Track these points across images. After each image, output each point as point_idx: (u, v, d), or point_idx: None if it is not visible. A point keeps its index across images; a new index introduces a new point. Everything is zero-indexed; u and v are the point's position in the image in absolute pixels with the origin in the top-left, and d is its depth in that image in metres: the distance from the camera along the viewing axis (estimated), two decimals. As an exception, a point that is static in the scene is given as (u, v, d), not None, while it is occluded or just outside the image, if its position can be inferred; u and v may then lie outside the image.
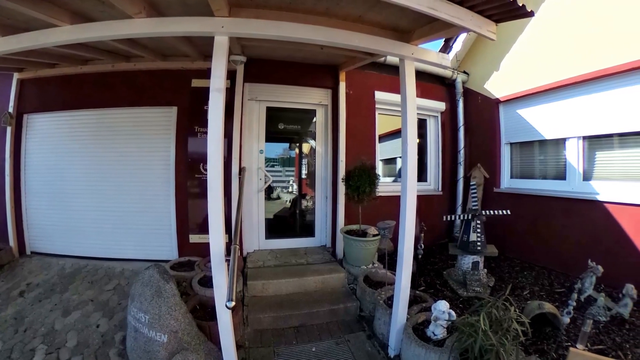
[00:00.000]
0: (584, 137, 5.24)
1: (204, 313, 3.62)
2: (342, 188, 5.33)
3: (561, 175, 5.63)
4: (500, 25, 3.30)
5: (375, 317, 3.96)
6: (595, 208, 4.93)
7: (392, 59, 5.56)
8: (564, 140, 5.53)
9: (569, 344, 3.31)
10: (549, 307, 3.55)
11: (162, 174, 5.17)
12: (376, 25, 3.51)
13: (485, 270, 5.02)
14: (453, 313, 3.26)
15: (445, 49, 6.99)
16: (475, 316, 2.82)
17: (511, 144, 6.53)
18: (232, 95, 4.89)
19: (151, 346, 2.98)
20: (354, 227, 5.27)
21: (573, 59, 5.14)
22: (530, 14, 3.01)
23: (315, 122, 5.87)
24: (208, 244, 2.87)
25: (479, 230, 4.83)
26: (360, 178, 4.95)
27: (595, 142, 5.15)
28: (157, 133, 5.20)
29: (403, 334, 3.39)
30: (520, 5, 2.88)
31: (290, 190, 6.10)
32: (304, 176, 6.13)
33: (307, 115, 5.89)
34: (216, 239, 2.85)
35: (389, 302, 3.88)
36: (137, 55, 4.65)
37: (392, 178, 7.20)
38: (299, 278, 4.56)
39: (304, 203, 6.06)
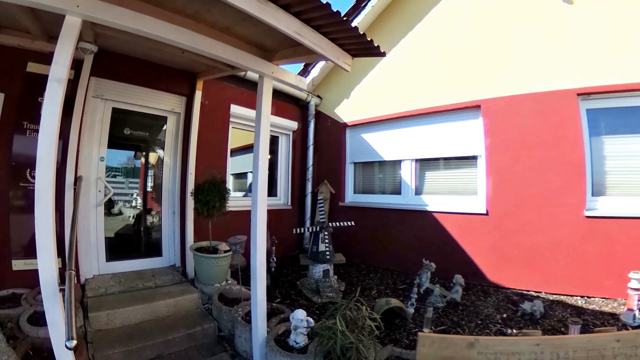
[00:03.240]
0: (416, 160, 6.37)
1: (41, 359, 2.93)
2: (191, 202, 5.06)
3: (397, 191, 6.65)
4: (356, 59, 3.69)
5: (235, 335, 3.82)
6: (425, 217, 5.95)
7: (252, 75, 5.62)
8: (399, 161, 6.59)
9: (417, 329, 3.83)
10: (395, 302, 4.00)
11: (-24, 180, 3.92)
12: (242, 39, 3.51)
13: (336, 276, 5.43)
14: (311, 320, 3.37)
15: (304, 72, 7.41)
16: (332, 320, 2.97)
17: (355, 163, 7.37)
18: (75, 89, 4.14)
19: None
20: (205, 243, 5.05)
21: (409, 96, 6.28)
22: (383, 54, 3.52)
23: (165, 130, 5.43)
24: (37, 270, 2.30)
25: (327, 240, 5.20)
26: (210, 192, 4.79)
27: (425, 164, 6.32)
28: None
29: (266, 347, 3.35)
30: (376, 45, 3.30)
31: (134, 204, 5.43)
32: (149, 189, 5.56)
33: (157, 122, 5.41)
34: (47, 264, 2.31)
35: (248, 317, 3.81)
36: (-39, 19, 3.51)
37: (243, 193, 7.14)
38: (149, 303, 4.09)
39: (150, 219, 5.49)
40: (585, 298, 4.52)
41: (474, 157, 5.64)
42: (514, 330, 3.77)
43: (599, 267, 4.49)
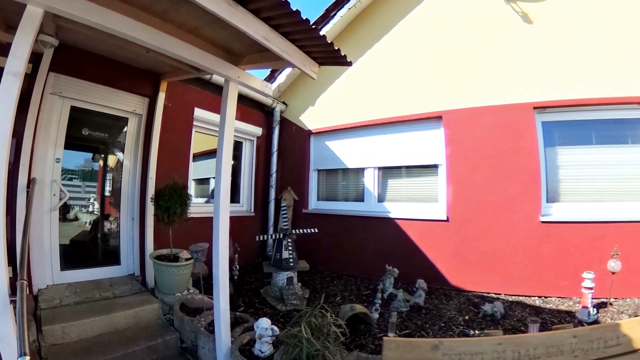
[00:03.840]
0: (379, 168, 6.53)
1: (-10, 377, 2.70)
2: (151, 208, 4.88)
3: (360, 198, 6.76)
4: (322, 67, 3.75)
5: (198, 346, 3.73)
6: (388, 223, 6.08)
7: (217, 78, 5.55)
8: (363, 169, 6.72)
9: (382, 334, 3.87)
10: (359, 308, 4.04)
11: None
12: (209, 41, 3.47)
13: (300, 284, 5.37)
14: (276, 328, 3.32)
15: (270, 78, 7.39)
16: (297, 327, 2.97)
17: (319, 170, 7.43)
18: (32, 85, 3.86)
19: None
20: (165, 251, 4.87)
21: (374, 106, 6.45)
22: (349, 64, 3.62)
23: (126, 132, 5.19)
24: (-15, 281, 2.11)
25: (290, 248, 5.17)
26: (171, 198, 4.65)
27: (388, 172, 6.48)
28: None
29: (231, 357, 3.27)
30: (343, 54, 3.37)
31: (90, 209, 5.12)
32: (107, 193, 5.27)
33: (117, 123, 5.16)
34: (-4, 273, 2.14)
35: (211, 328, 3.72)
36: None
37: (205, 199, 6.98)
38: (107, 315, 3.86)
39: (107, 225, 5.22)
40: (543, 298, 4.80)
41: (435, 166, 5.87)
42: (476, 331, 3.92)
43: (555, 269, 4.80)
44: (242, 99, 6.13)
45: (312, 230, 5.36)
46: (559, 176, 5.00)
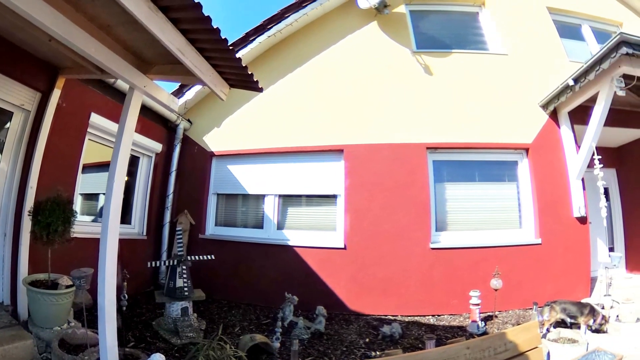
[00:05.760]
0: (280, 195, 6.64)
1: None
2: (27, 224, 4.16)
3: (259, 225, 6.78)
4: (233, 89, 3.77)
5: (81, 388, 3.27)
6: (287, 251, 6.15)
7: (121, 84, 5.12)
8: (263, 196, 6.77)
9: (285, 363, 3.80)
10: (259, 337, 3.98)
11: None
12: (121, 43, 3.26)
13: (196, 314, 5.06)
14: (171, 364, 3.13)
15: (178, 93, 7.06)
16: None
17: (218, 194, 7.27)
18: None
19: None
20: (42, 276, 4.20)
21: (279, 134, 6.67)
22: (260, 90, 3.78)
23: (8, 129, 4.41)
24: None
25: (185, 275, 4.87)
26: (53, 213, 4.05)
27: (288, 199, 6.66)
28: None
29: (121, 397, 2.95)
30: (255, 80, 3.45)
31: None
32: None
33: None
34: None
35: (97, 368, 3.29)
36: None
37: (92, 217, 6.28)
38: None
39: None
40: (436, 316, 5.27)
41: (335, 196, 6.21)
42: (378, 353, 4.07)
43: (445, 290, 5.35)
44: (145, 110, 5.74)
45: (209, 257, 5.15)
46: (447, 208, 5.72)
